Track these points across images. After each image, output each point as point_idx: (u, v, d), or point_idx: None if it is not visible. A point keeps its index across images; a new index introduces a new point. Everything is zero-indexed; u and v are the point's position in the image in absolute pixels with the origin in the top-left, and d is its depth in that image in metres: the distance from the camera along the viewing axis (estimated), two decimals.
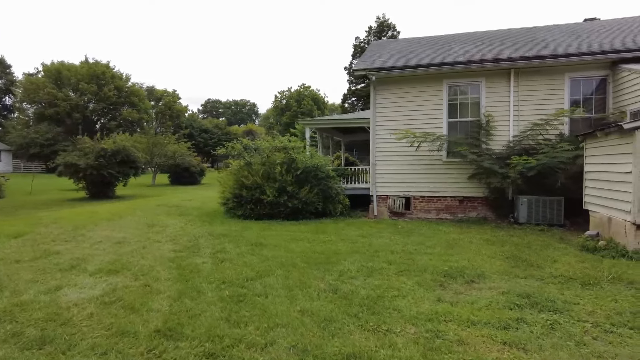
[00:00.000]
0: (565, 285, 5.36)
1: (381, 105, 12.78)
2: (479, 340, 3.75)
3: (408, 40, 15.52)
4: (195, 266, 6.30)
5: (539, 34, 13.46)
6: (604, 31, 12.65)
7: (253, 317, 4.24)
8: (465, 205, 12.26)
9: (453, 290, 5.27)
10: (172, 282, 5.46)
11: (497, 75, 11.80)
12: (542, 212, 10.52)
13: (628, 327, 4.02)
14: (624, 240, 6.92)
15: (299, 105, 59.75)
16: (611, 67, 10.94)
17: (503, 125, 11.77)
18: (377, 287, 5.30)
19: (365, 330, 3.96)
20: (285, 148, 11.67)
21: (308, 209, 11.63)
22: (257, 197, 11.32)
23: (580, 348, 3.59)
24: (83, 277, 5.76)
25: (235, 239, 8.54)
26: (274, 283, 5.44)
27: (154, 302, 4.68)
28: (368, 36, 36.13)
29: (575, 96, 11.34)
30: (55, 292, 5.12)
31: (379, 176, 12.85)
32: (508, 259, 6.87)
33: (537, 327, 4.03)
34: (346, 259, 6.80)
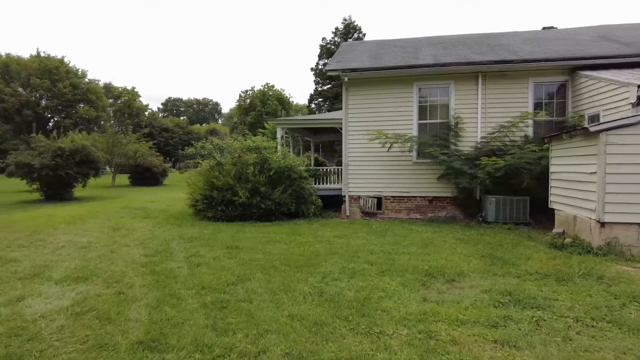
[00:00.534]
0: (542, 282, 5.54)
1: (353, 106, 12.81)
2: (471, 339, 3.77)
3: (378, 42, 15.67)
4: (171, 271, 6.01)
5: (501, 40, 13.97)
6: (562, 39, 13.30)
7: (240, 324, 4.06)
8: (435, 205, 12.52)
9: (436, 290, 5.31)
10: (148, 289, 5.16)
11: (465, 79, 12.13)
12: (509, 212, 10.89)
13: (606, 321, 4.18)
14: (589, 237, 7.26)
15: (263, 105, 59.11)
16: (570, 74, 11.51)
17: (471, 127, 12.11)
18: (362, 288, 5.26)
19: (358, 334, 3.89)
20: (258, 148, 11.44)
21: (281, 210, 11.47)
22: (228, 198, 11.03)
23: (567, 343, 3.69)
24: (48, 285, 5.35)
25: (208, 242, 8.25)
26: (256, 287, 5.27)
27: (131, 311, 4.40)
28: (335, 37, 36.31)
29: (538, 100, 11.85)
30: (17, 303, 4.71)
31: (351, 177, 12.88)
32: (484, 257, 7.03)
33: (524, 324, 4.11)
34: (326, 260, 6.72)
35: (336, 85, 35.17)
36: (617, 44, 11.96)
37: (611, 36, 12.82)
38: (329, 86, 36.26)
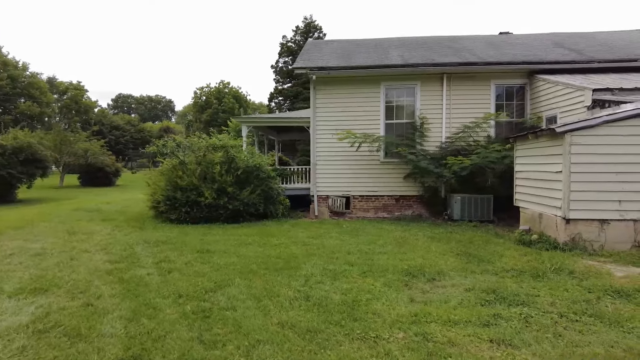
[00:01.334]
0: (519, 279, 5.67)
1: (321, 105, 12.70)
2: (467, 340, 3.75)
3: (345, 41, 15.66)
4: (141, 279, 5.59)
5: (463, 43, 14.40)
6: (519, 44, 13.91)
7: (229, 335, 3.81)
8: (402, 203, 12.68)
9: (420, 290, 5.30)
10: (120, 299, 4.75)
11: (431, 80, 12.36)
12: (474, 210, 11.21)
13: (588, 315, 4.32)
14: (555, 233, 7.58)
15: (219, 103, 57.71)
16: (529, 77, 12.05)
17: (436, 127, 12.37)
18: (347, 290, 5.14)
19: (354, 339, 3.76)
20: (224, 146, 11.03)
21: (249, 211, 11.13)
22: (193, 199, 10.54)
23: (558, 339, 3.76)
24: (0, 300, 4.79)
25: (176, 246, 7.81)
26: (237, 294, 5.00)
27: (104, 325, 4.01)
28: (295, 36, 36.05)
29: (499, 101, 12.31)
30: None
31: (320, 176, 12.77)
32: (459, 255, 7.14)
33: (514, 321, 4.15)
34: (305, 262, 6.54)
35: (297, 84, 34.99)
36: (569, 51, 12.66)
37: (563, 43, 13.56)
38: (289, 85, 35.96)
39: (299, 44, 36.01)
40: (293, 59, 35.52)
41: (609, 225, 7.22)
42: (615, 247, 7.17)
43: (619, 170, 7.14)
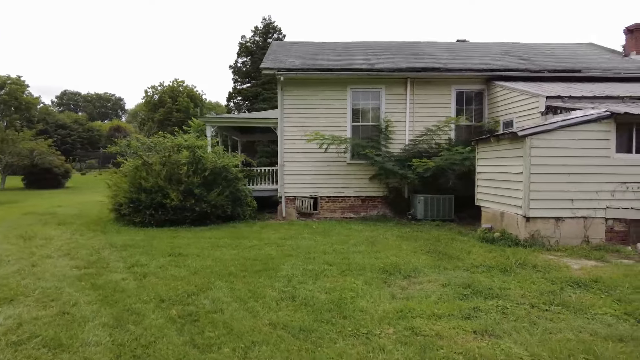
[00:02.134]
0: (490, 273, 6.02)
1: (289, 106, 12.71)
2: (453, 332, 3.94)
3: (310, 43, 15.76)
4: (116, 284, 5.37)
5: (425, 49, 14.96)
6: (476, 52, 14.65)
7: (222, 338, 3.76)
8: (367, 204, 12.96)
9: (399, 287, 5.48)
10: (98, 306, 4.54)
11: (395, 84, 12.74)
12: (437, 209, 11.67)
13: (555, 305, 4.68)
14: (516, 231, 8.09)
15: (174, 102, 55.91)
16: (486, 83, 12.73)
17: (400, 130, 12.76)
18: (331, 290, 5.22)
19: (348, 336, 3.84)
20: (191, 147, 10.75)
21: (216, 213, 10.93)
22: (158, 201, 10.20)
23: (534, 328, 4.05)
24: None
25: (146, 250, 7.54)
26: (222, 296, 4.94)
27: (86, 334, 3.82)
28: (254, 36, 35.67)
29: (459, 106, 12.89)
30: None
31: (287, 177, 12.76)
32: (429, 253, 7.43)
33: (493, 313, 4.42)
34: (284, 263, 6.56)
35: (256, 84, 34.65)
36: (521, 60, 13.51)
37: (515, 53, 14.45)
38: (248, 85, 35.52)
39: (258, 44, 35.67)
40: (252, 59, 35.17)
41: (563, 223, 7.81)
42: (569, 242, 7.77)
43: (571, 172, 7.74)
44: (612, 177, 7.75)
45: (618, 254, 7.24)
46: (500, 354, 3.45)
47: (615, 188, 7.76)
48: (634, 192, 7.75)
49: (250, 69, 35.39)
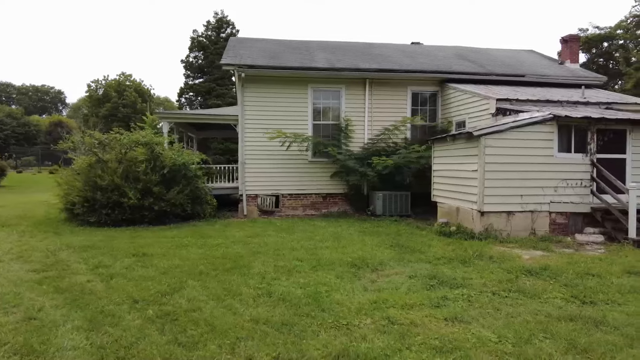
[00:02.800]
0: (451, 265, 6.41)
1: (250, 103, 12.62)
2: (426, 320, 4.21)
3: (270, 40, 15.69)
4: (82, 286, 5.15)
5: (381, 51, 15.42)
6: (429, 55, 15.30)
7: (205, 335, 3.77)
8: (328, 201, 13.19)
9: (368, 279, 5.71)
10: (67, 310, 4.36)
11: (355, 84, 13.05)
12: (394, 205, 12.12)
13: (513, 291, 5.11)
14: (472, 225, 8.63)
15: (120, 97, 53.26)
16: (440, 85, 13.37)
17: (359, 129, 13.10)
18: (305, 285, 5.34)
19: (329, 328, 3.99)
20: (149, 143, 10.39)
21: (175, 212, 10.66)
22: (115, 200, 9.78)
23: (498, 313, 4.41)
24: None
25: (107, 250, 7.24)
26: (197, 295, 4.90)
27: (60, 339, 3.67)
28: (207, 30, 34.70)
29: (415, 106, 13.44)
30: None
31: (249, 175, 12.68)
32: (392, 247, 7.76)
33: (459, 301, 4.75)
34: (254, 261, 6.58)
35: (209, 80, 33.84)
36: (472, 64, 14.31)
37: (466, 56, 15.27)
38: (201, 80, 34.53)
39: (210, 39, 34.78)
40: (205, 54, 34.28)
41: (514, 216, 8.45)
42: (518, 234, 8.41)
43: (520, 170, 8.39)
44: (555, 175, 8.49)
45: (560, 244, 7.97)
46: (472, 338, 3.74)
47: (557, 184, 8.50)
48: (572, 188, 8.53)
49: (203, 64, 34.50)
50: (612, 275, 5.79)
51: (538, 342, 3.65)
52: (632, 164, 8.67)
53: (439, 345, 3.58)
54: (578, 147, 8.56)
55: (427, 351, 3.48)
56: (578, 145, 8.56)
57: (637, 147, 8.69)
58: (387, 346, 3.57)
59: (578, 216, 8.62)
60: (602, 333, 3.85)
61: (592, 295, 4.94)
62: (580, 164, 8.53)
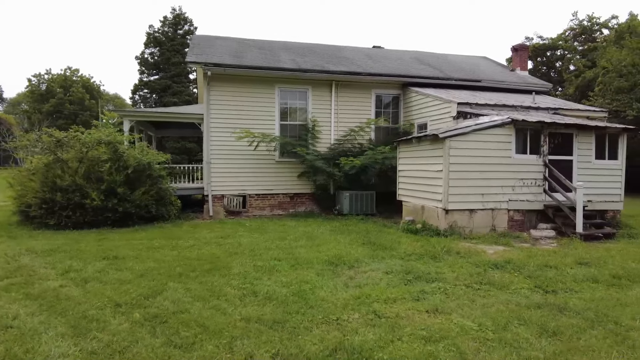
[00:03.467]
0: (423, 261, 6.73)
1: (216, 102, 12.44)
2: (410, 313, 4.44)
3: (233, 39, 15.52)
4: (57, 292, 4.93)
5: (345, 53, 15.71)
6: (391, 59, 15.79)
7: (200, 336, 3.77)
8: (296, 201, 13.29)
9: (347, 276, 5.89)
10: (45, 316, 4.17)
11: (321, 85, 13.23)
12: (360, 204, 12.42)
13: (484, 284, 5.48)
14: (437, 222, 9.06)
15: (66, 92, 50.32)
16: (402, 88, 13.85)
17: (326, 130, 13.31)
18: (288, 283, 5.42)
19: (320, 324, 4.11)
20: (112, 142, 9.98)
21: (140, 213, 10.31)
22: (77, 201, 9.33)
23: (474, 303, 4.73)
24: None
25: (74, 254, 6.92)
26: (180, 297, 4.85)
27: (46, 346, 3.53)
28: (163, 27, 33.49)
29: (378, 109, 13.84)
30: None
31: (215, 175, 12.50)
32: (365, 244, 8.00)
33: (437, 294, 5.04)
34: (232, 261, 6.56)
35: (166, 77, 32.76)
36: (432, 68, 14.94)
37: (426, 61, 15.91)
38: (157, 77, 33.36)
39: (167, 35, 33.67)
40: (161, 50, 33.13)
41: (476, 214, 8.97)
42: (480, 231, 8.94)
43: (482, 170, 8.92)
44: (513, 174, 9.11)
45: (518, 239, 8.57)
46: (455, 327, 4.01)
47: (515, 184, 9.12)
48: (528, 187, 9.19)
49: (159, 61, 33.36)
50: (567, 266, 6.35)
51: (514, 328, 3.98)
52: (577, 165, 9.47)
53: (427, 335, 3.81)
54: (533, 148, 9.23)
55: (417, 341, 3.70)
56: (533, 147, 9.23)
57: (582, 150, 9.51)
58: (379, 338, 3.76)
59: (532, 213, 9.29)
60: (567, 317, 4.26)
61: (553, 284, 5.41)
62: (535, 165, 9.20)
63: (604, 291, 5.20)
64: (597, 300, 4.83)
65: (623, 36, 21.32)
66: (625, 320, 4.20)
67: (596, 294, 5.07)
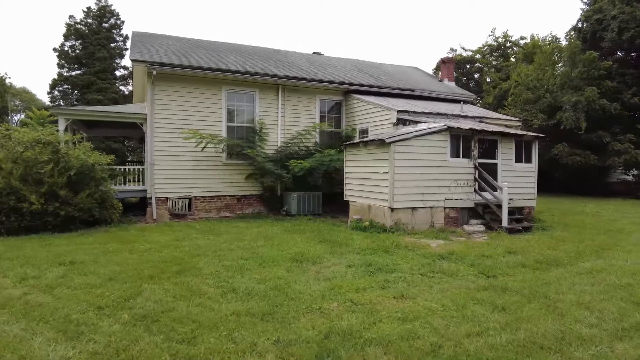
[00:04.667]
0: (377, 254, 7.33)
1: (160, 102, 12.15)
2: (381, 299, 4.99)
3: (176, 38, 15.17)
4: (24, 299, 4.74)
5: (289, 58, 16.13)
6: (332, 66, 16.51)
7: (197, 331, 3.96)
8: (243, 202, 13.41)
9: (314, 271, 6.31)
10: (25, 323, 4.05)
11: (268, 89, 13.50)
12: (308, 205, 12.91)
13: (436, 272, 6.22)
14: (384, 220, 9.82)
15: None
16: (344, 95, 14.59)
17: (273, 133, 13.61)
18: (263, 280, 5.70)
19: (306, 313, 4.49)
20: (51, 143, 9.37)
21: (83, 217, 9.81)
22: (12, 205, 8.66)
23: (432, 289, 5.41)
24: None
25: (23, 261, 6.52)
26: (161, 297, 4.93)
27: (42, 351, 3.50)
28: (86, 18, 31.11)
29: (322, 113, 14.44)
30: None
31: (158, 177, 12.19)
32: (321, 242, 8.47)
33: (399, 283, 5.66)
34: (198, 262, 6.65)
35: (90, 72, 30.51)
36: (370, 77, 15.90)
37: (364, 70, 16.86)
38: (78, 72, 30.93)
39: (91, 27, 31.37)
40: (84, 43, 30.75)
41: (417, 212, 9.88)
42: (420, 227, 9.86)
43: (422, 172, 9.85)
44: (448, 176, 10.17)
45: (454, 234, 9.60)
46: (423, 309, 4.62)
47: (450, 184, 10.19)
48: (461, 187, 10.32)
49: (81, 55, 30.98)
50: (499, 255, 7.37)
51: (471, 306, 4.70)
52: (501, 167, 10.83)
53: (402, 317, 4.38)
54: (465, 153, 10.38)
55: (395, 322, 4.24)
56: (465, 151, 10.38)
57: (505, 154, 10.89)
58: (363, 322, 4.24)
59: (465, 210, 10.45)
60: (509, 296, 5.09)
61: (492, 271, 6.31)
62: (466, 167, 10.36)
63: (531, 274, 6.20)
64: (528, 281, 5.78)
65: (531, 53, 24.33)
66: (552, 294, 5.14)
67: (526, 276, 6.04)
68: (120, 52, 32.53)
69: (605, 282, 5.72)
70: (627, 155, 17.70)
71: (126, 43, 33.18)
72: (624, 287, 5.47)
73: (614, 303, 4.83)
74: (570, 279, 5.90)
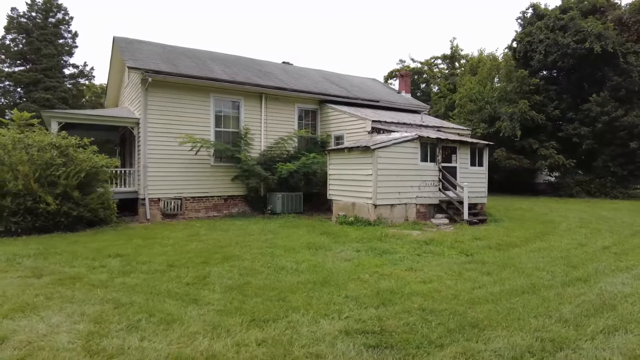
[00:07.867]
0: (374, 242, 8.87)
1: (153, 107, 12.84)
2: (398, 272, 6.51)
3: (158, 45, 15.73)
4: (120, 281, 5.67)
5: (266, 67, 17.32)
6: (304, 76, 17.93)
7: (283, 294, 5.22)
8: (229, 202, 14.41)
9: (332, 255, 7.69)
10: (144, 296, 5.08)
11: (253, 97, 14.65)
12: (291, 204, 14.23)
13: (427, 253, 7.90)
14: (368, 215, 11.45)
15: None
16: (319, 104, 16.10)
17: (257, 138, 14.79)
18: (298, 262, 6.97)
19: (351, 281, 5.90)
20: (62, 146, 9.85)
21: (89, 217, 10.37)
22: (28, 206, 9.10)
23: (431, 264, 7.04)
24: None
25: (73, 255, 7.24)
26: (231, 275, 6.07)
27: (198, 303, 4.62)
28: (30, 11, 29.55)
29: (300, 121, 15.83)
30: None
31: (151, 179, 12.86)
32: (322, 234, 9.86)
33: (404, 261, 7.23)
34: (233, 251, 7.78)
35: (36, 69, 29.13)
36: (340, 88, 17.55)
37: (334, 81, 18.47)
38: (22, 68, 29.31)
39: (35, 21, 29.87)
40: (29, 38, 29.24)
41: (395, 208, 11.64)
42: (397, 221, 11.62)
43: (399, 174, 11.62)
44: (419, 177, 12.04)
45: (426, 226, 11.47)
46: (433, 276, 6.24)
47: (420, 184, 12.08)
48: (429, 187, 12.25)
49: (25, 50, 29.45)
50: (468, 241, 9.25)
51: (465, 273, 6.40)
52: (460, 170, 12.94)
53: (422, 280, 5.97)
54: (431, 158, 12.33)
55: (419, 284, 5.81)
56: (431, 156, 12.33)
57: (462, 159, 13.02)
58: (396, 285, 5.74)
59: (432, 206, 12.40)
60: (488, 266, 6.87)
61: (469, 251, 8.11)
62: (433, 170, 12.31)
63: (497, 252, 8.09)
64: (497, 257, 7.64)
65: (475, 67, 27.51)
66: (517, 264, 7.00)
67: (495, 254, 7.92)
68: (69, 50, 31.33)
69: (550, 255, 7.75)
70: (551, 159, 21.08)
71: (75, 40, 32.04)
72: (563, 257, 7.52)
73: (559, 267, 6.80)
74: (526, 254, 7.87)
